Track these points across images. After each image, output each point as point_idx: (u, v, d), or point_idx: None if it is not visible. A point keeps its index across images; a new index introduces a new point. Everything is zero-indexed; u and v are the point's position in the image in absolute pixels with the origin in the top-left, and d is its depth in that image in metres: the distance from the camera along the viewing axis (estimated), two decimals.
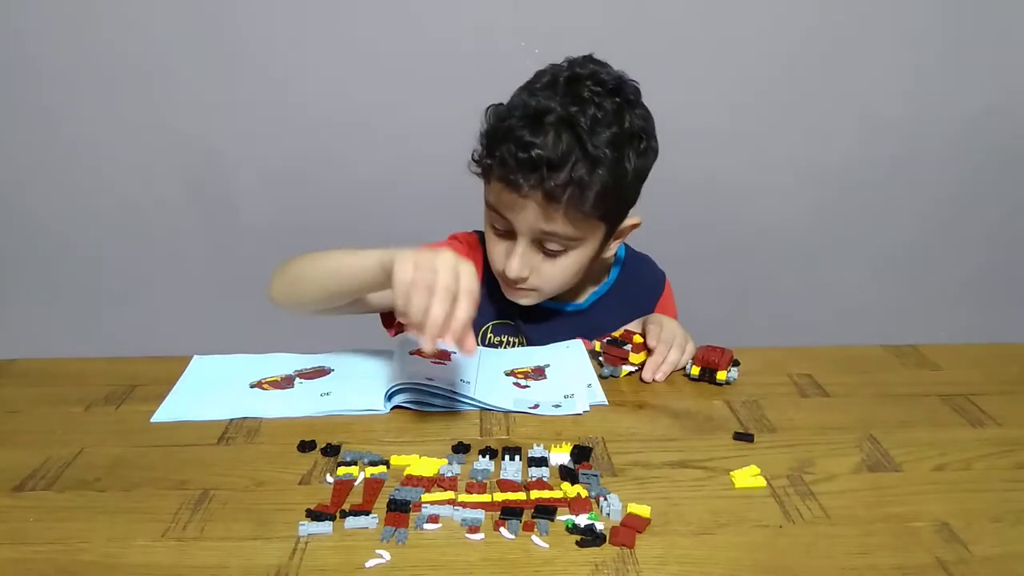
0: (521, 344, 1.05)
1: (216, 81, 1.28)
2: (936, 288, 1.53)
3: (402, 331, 1.03)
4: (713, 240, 1.45)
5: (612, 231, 0.96)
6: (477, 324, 1.02)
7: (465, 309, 0.71)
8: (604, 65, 0.92)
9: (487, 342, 1.05)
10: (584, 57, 0.93)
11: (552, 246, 0.92)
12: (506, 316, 1.05)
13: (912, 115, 1.39)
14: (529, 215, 0.89)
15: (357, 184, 1.35)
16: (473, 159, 0.94)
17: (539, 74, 0.93)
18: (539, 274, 0.94)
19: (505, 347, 1.04)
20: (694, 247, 1.43)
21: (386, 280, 0.75)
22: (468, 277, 0.72)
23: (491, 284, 1.03)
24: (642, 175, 0.93)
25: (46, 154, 1.31)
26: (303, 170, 1.34)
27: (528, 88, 0.92)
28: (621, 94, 0.89)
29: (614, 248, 1.01)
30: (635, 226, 1.00)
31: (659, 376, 0.89)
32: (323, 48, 1.27)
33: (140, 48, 1.25)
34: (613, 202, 0.90)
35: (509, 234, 0.93)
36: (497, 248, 0.96)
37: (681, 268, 1.20)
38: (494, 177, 0.90)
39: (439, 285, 0.70)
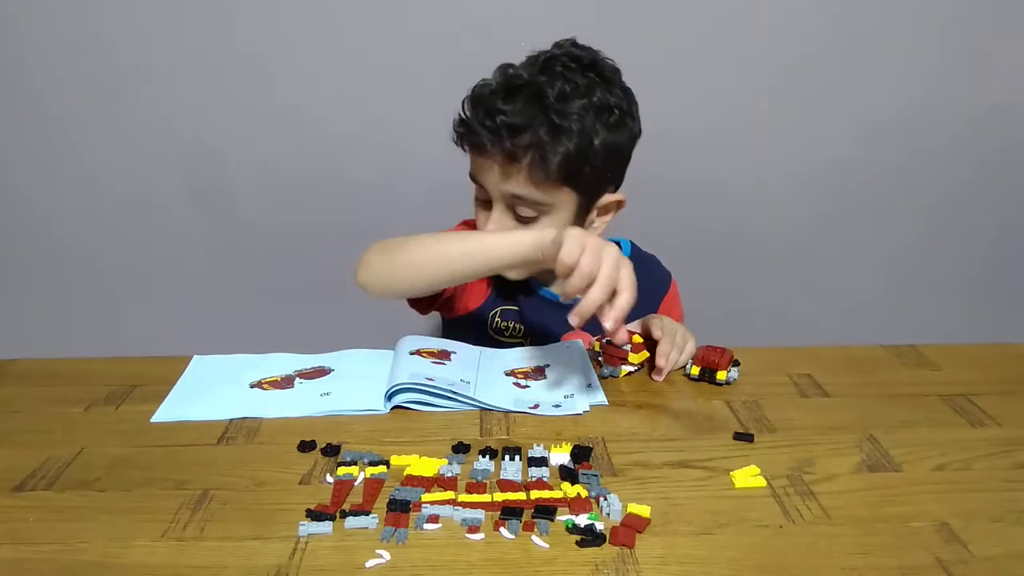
0: (525, 330, 1.06)
1: (217, 82, 1.28)
2: (936, 288, 1.53)
3: (431, 310, 1.07)
4: (713, 240, 1.45)
5: (588, 204, 0.98)
6: (488, 309, 1.06)
7: (627, 299, 0.76)
8: (587, 48, 0.96)
9: (495, 326, 1.06)
10: (567, 39, 0.98)
11: (524, 211, 0.95)
12: (513, 303, 1.07)
13: (912, 115, 1.39)
14: (494, 176, 0.93)
15: (357, 184, 1.35)
16: (453, 128, 0.98)
17: (529, 56, 0.98)
18: None
19: (511, 332, 1.06)
20: (694, 247, 1.43)
21: (535, 259, 0.80)
22: (629, 272, 0.77)
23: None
24: (615, 151, 0.95)
25: (46, 154, 1.31)
26: (303, 170, 1.34)
27: (506, 65, 0.97)
28: (595, 70, 0.93)
29: (600, 226, 1.03)
30: (619, 203, 1.02)
31: (659, 376, 0.90)
32: (323, 48, 1.27)
33: (141, 48, 1.25)
34: (579, 171, 0.92)
35: (489, 204, 0.97)
36: (480, 218, 1.00)
37: (681, 268, 1.20)
38: (466, 142, 0.95)
39: (603, 273, 0.74)
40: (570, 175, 0.92)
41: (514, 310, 1.07)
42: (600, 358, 0.92)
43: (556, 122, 0.89)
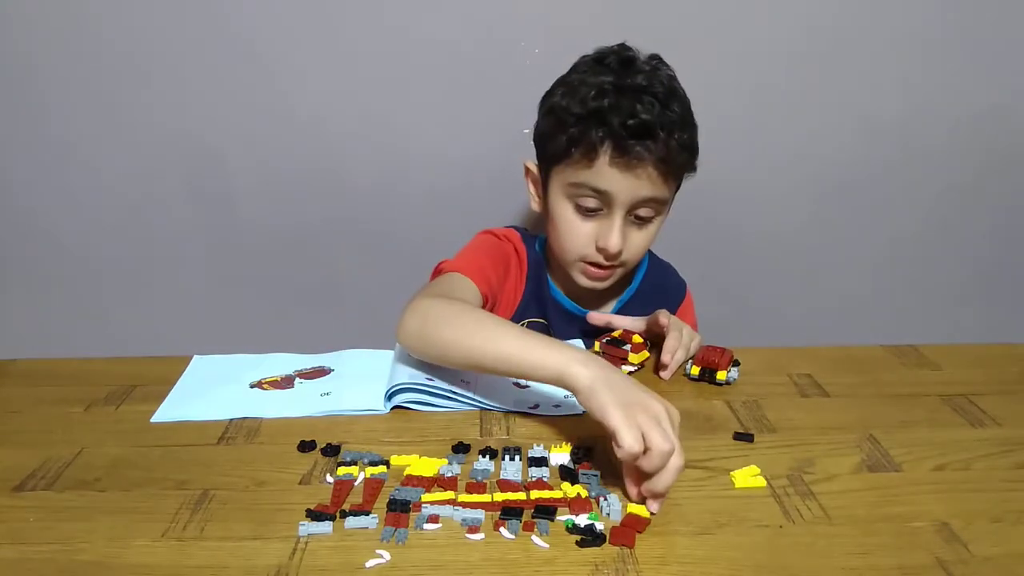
0: None
1: (217, 81, 1.28)
2: (936, 288, 1.53)
3: None
4: (713, 240, 1.45)
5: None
6: (515, 319, 1.04)
7: (675, 473, 0.65)
8: (635, 50, 0.97)
9: None
10: (619, 45, 0.97)
11: (645, 212, 0.94)
12: (539, 315, 1.06)
13: (913, 114, 1.39)
14: (643, 180, 0.91)
15: (358, 184, 1.35)
16: (544, 144, 0.96)
17: (582, 61, 0.97)
18: (629, 245, 0.96)
19: None
20: (694, 247, 1.42)
21: (560, 383, 0.73)
22: (675, 433, 0.66)
23: (533, 283, 1.06)
24: None
25: (46, 154, 1.31)
26: (304, 170, 1.34)
27: (590, 72, 0.94)
28: (666, 67, 0.96)
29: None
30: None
31: (666, 375, 0.90)
32: (323, 48, 1.27)
33: (140, 47, 1.25)
34: (693, 164, 0.96)
35: (595, 212, 0.94)
36: (583, 229, 0.95)
37: (681, 268, 1.20)
38: (603, 150, 0.90)
39: (659, 452, 0.64)
40: (689, 170, 0.96)
41: (542, 323, 1.06)
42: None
43: (681, 118, 0.92)
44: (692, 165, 0.95)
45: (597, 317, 1.01)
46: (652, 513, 0.65)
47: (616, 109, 0.89)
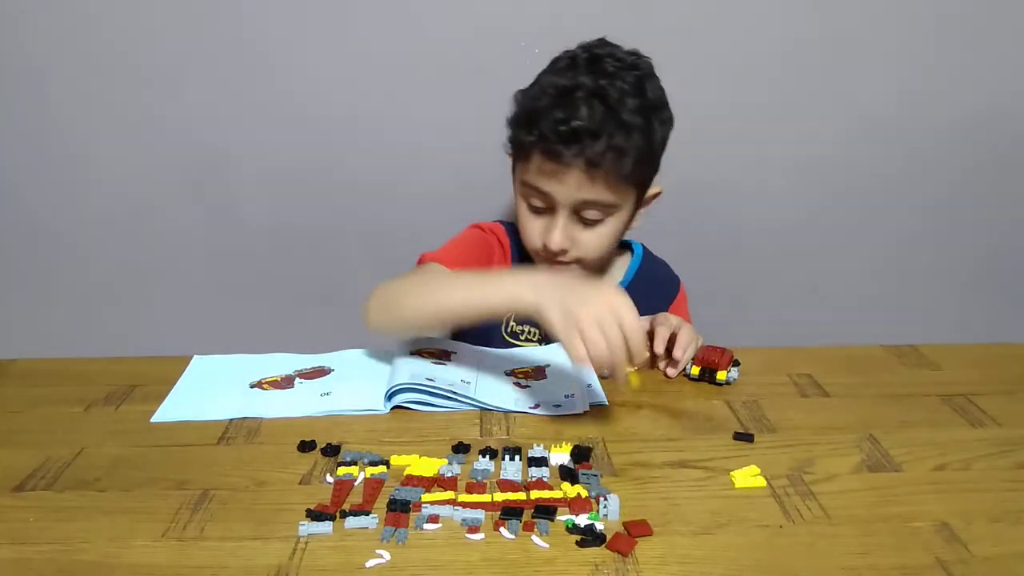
0: (541, 335, 1.06)
1: (217, 81, 1.28)
2: (936, 288, 1.53)
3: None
4: (712, 240, 1.45)
5: (641, 198, 1.00)
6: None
7: (638, 348, 0.74)
8: (617, 46, 0.97)
9: (509, 330, 1.06)
10: (598, 40, 0.97)
11: (591, 214, 0.95)
12: None
13: (912, 114, 1.39)
14: (571, 185, 0.92)
15: (358, 184, 1.35)
16: (509, 141, 0.98)
17: (556, 60, 0.98)
18: (579, 245, 0.97)
19: (526, 336, 1.06)
20: (693, 247, 1.42)
21: (516, 313, 0.81)
22: (630, 321, 0.73)
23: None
24: (665, 143, 0.97)
25: (45, 154, 1.31)
26: (304, 170, 1.34)
27: (551, 71, 0.96)
28: (639, 68, 0.94)
29: (641, 220, 1.04)
30: (657, 195, 1.03)
31: (679, 357, 0.90)
32: (324, 47, 1.27)
33: (141, 47, 1.25)
34: (646, 167, 0.95)
35: (546, 210, 0.96)
36: (533, 225, 0.98)
37: (681, 268, 1.20)
38: (535, 153, 0.93)
39: (613, 351, 0.73)
40: (640, 173, 0.95)
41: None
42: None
43: (626, 122, 0.90)
44: (625, 169, 0.91)
45: None
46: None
47: (547, 113, 0.91)
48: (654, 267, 1.15)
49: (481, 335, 1.01)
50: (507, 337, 1.05)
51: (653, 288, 1.11)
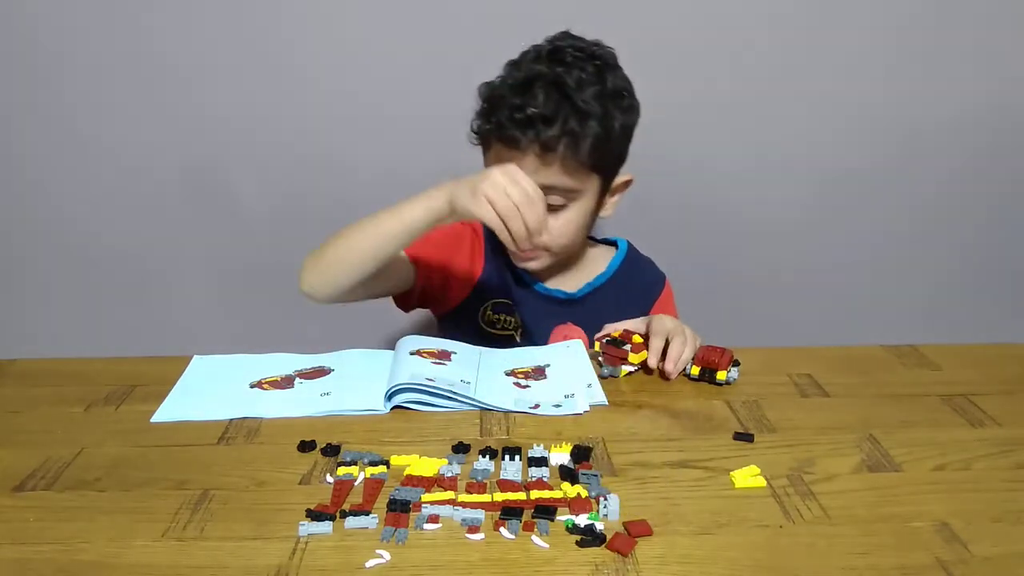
0: (516, 323, 1.07)
1: (217, 81, 1.28)
2: (936, 288, 1.53)
3: (412, 307, 1.09)
4: (713, 240, 1.45)
5: (607, 186, 1.01)
6: (477, 304, 1.07)
7: (541, 210, 0.84)
8: (580, 38, 0.99)
9: (486, 320, 1.07)
10: (562, 32, 1.00)
11: (553, 199, 0.96)
12: (504, 296, 1.08)
13: (913, 114, 1.39)
14: (527, 170, 0.92)
15: (359, 184, 1.35)
16: (472, 131, 1.01)
17: (523, 53, 1.01)
18: (545, 231, 0.97)
19: (503, 325, 1.07)
20: (693, 247, 1.43)
21: (443, 218, 0.88)
22: (527, 179, 0.84)
23: (493, 263, 1.08)
24: (629, 132, 1.00)
25: (46, 154, 1.31)
26: (304, 170, 1.34)
27: (514, 63, 1.00)
28: (600, 58, 0.97)
29: (611, 207, 1.05)
30: (628, 183, 1.05)
31: (674, 371, 0.89)
32: (324, 49, 1.27)
33: (140, 48, 1.25)
34: (605, 154, 0.97)
35: None
36: None
37: (681, 268, 1.20)
38: (493, 141, 0.97)
39: (520, 204, 0.83)
40: (598, 159, 0.96)
41: (506, 303, 1.07)
42: (600, 358, 0.92)
43: (582, 109, 0.93)
44: (582, 154, 0.94)
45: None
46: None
47: (504, 102, 0.94)
48: (638, 263, 1.16)
49: (458, 324, 1.01)
50: (484, 326, 1.06)
51: (635, 284, 1.11)
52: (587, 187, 0.98)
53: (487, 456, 0.73)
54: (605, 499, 0.65)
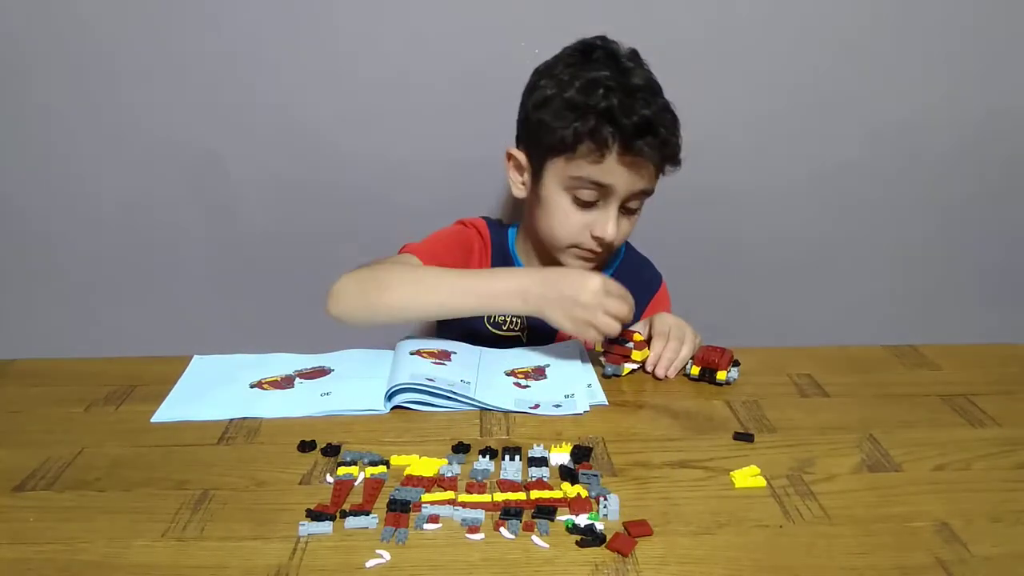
0: (523, 324, 1.07)
1: (217, 82, 1.28)
2: (936, 288, 1.53)
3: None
4: (712, 240, 1.45)
5: None
6: None
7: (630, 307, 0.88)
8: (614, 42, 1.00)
9: (492, 320, 1.07)
10: (600, 38, 0.99)
11: (635, 204, 0.99)
12: None
13: (913, 115, 1.38)
14: (639, 177, 0.95)
15: (358, 184, 1.35)
16: (571, 139, 0.94)
17: (567, 56, 0.99)
18: (618, 233, 1.00)
19: (509, 326, 1.07)
20: (693, 247, 1.43)
21: (513, 313, 0.90)
22: (616, 290, 0.87)
23: (500, 264, 1.09)
24: None
25: (45, 155, 1.31)
26: (303, 170, 1.34)
27: (576, 66, 0.96)
28: (645, 63, 0.99)
29: None
30: None
31: (670, 372, 0.90)
32: (323, 51, 1.27)
33: (140, 50, 1.25)
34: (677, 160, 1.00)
35: (592, 204, 0.97)
36: (579, 219, 0.98)
37: (681, 268, 1.20)
38: (610, 150, 0.93)
39: (622, 320, 0.86)
40: (675, 165, 1.00)
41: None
42: (602, 357, 0.92)
43: (674, 115, 0.96)
44: (679, 160, 0.99)
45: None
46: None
47: (624, 108, 0.92)
48: (636, 263, 1.16)
49: (464, 325, 1.01)
50: (489, 327, 1.06)
51: (633, 283, 1.11)
52: None
53: (487, 456, 0.73)
54: (605, 499, 0.65)
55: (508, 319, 1.07)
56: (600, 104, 0.92)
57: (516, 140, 1.05)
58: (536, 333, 1.06)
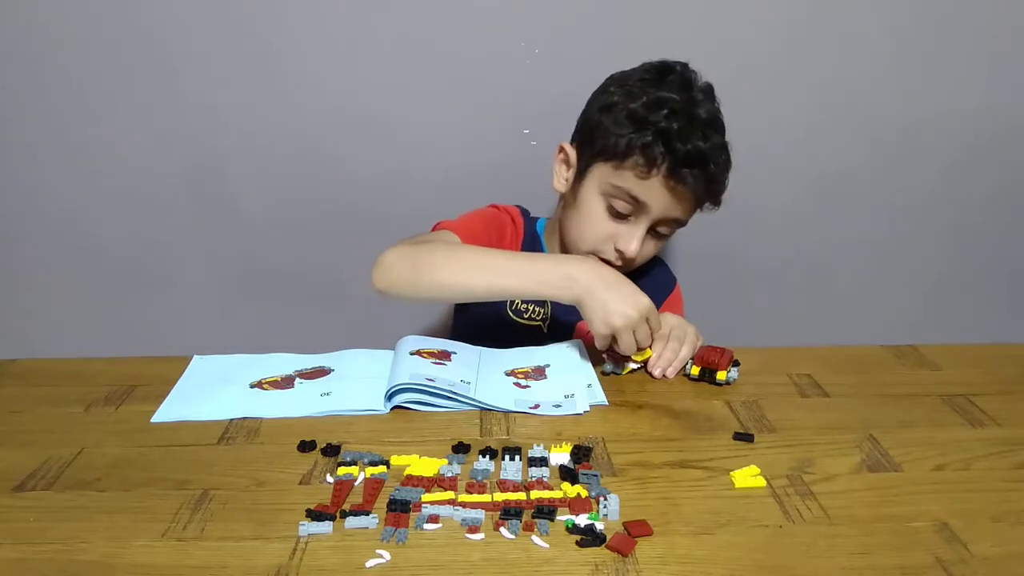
0: (545, 314, 1.07)
1: (217, 80, 1.28)
2: (936, 288, 1.53)
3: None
4: (713, 240, 1.45)
5: None
6: None
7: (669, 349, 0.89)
8: (691, 69, 1.00)
9: (514, 307, 1.07)
10: (681, 64, 1.00)
11: (664, 230, 1.00)
12: None
13: (913, 115, 1.38)
14: (678, 205, 0.96)
15: (359, 184, 1.35)
16: (624, 148, 0.95)
17: (644, 71, 1.00)
18: (641, 253, 1.01)
19: (531, 315, 1.07)
20: (693, 247, 1.43)
21: (558, 297, 0.88)
22: (655, 320, 0.87)
23: (527, 251, 1.08)
24: None
25: (45, 154, 1.31)
26: (304, 171, 1.34)
27: (649, 82, 0.97)
28: (716, 100, 0.99)
29: None
30: None
31: (670, 372, 0.91)
32: (324, 48, 1.27)
33: (140, 46, 1.25)
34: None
35: (624, 216, 0.98)
36: (606, 227, 1.00)
37: (681, 268, 1.20)
38: (656, 169, 0.94)
39: (641, 345, 0.87)
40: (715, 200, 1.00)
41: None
42: (604, 355, 0.92)
43: (728, 156, 0.97)
44: (719, 201, 1.00)
45: None
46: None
47: (682, 134, 0.92)
48: (652, 265, 1.16)
49: (487, 312, 1.01)
50: (511, 314, 1.06)
51: (648, 284, 1.11)
52: None
53: (487, 456, 0.73)
54: (605, 499, 0.65)
55: (531, 307, 1.07)
56: (661, 123, 0.93)
57: (572, 137, 1.06)
58: (557, 323, 1.06)
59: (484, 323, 0.97)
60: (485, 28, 1.27)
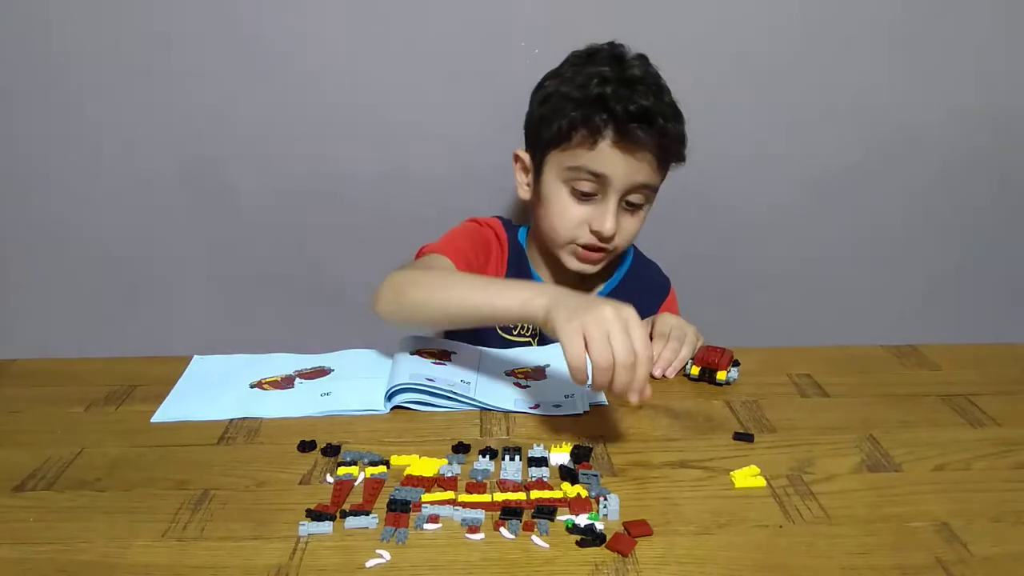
0: (535, 329, 1.06)
1: (217, 79, 1.28)
2: (936, 288, 1.53)
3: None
4: (713, 240, 1.45)
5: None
6: None
7: (644, 374, 0.70)
8: (623, 46, 1.00)
9: (503, 326, 1.06)
10: (609, 43, 1.00)
11: (636, 199, 0.98)
12: None
13: (913, 114, 1.38)
14: (638, 167, 0.95)
15: (358, 184, 1.35)
16: (565, 127, 0.95)
17: (574, 57, 1.00)
18: (620, 231, 0.99)
19: (520, 331, 1.07)
20: (694, 247, 1.43)
21: (526, 319, 0.79)
22: (640, 336, 0.70)
23: (515, 270, 1.08)
24: None
25: (44, 154, 1.31)
26: (304, 171, 1.34)
27: (580, 64, 0.98)
28: (654, 67, 0.99)
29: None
30: None
31: (669, 372, 0.90)
32: (323, 48, 1.27)
33: (139, 46, 1.25)
34: (680, 155, 1.00)
35: (590, 197, 0.97)
36: (577, 213, 0.99)
37: (681, 268, 1.20)
38: (603, 136, 0.93)
39: (619, 363, 0.69)
40: (677, 160, 0.99)
41: None
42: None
43: (677, 110, 0.97)
44: (682, 155, 0.99)
45: None
46: (632, 403, 0.71)
47: (617, 96, 0.92)
48: (645, 268, 1.16)
49: (477, 329, 1.01)
50: (501, 332, 1.06)
51: (643, 289, 1.12)
52: (659, 187, 1.00)
53: (487, 456, 0.73)
54: (605, 499, 0.65)
55: (519, 324, 1.06)
56: (595, 90, 0.93)
57: (525, 143, 1.06)
58: (547, 340, 1.05)
59: (474, 341, 0.97)
60: (485, 28, 1.27)
